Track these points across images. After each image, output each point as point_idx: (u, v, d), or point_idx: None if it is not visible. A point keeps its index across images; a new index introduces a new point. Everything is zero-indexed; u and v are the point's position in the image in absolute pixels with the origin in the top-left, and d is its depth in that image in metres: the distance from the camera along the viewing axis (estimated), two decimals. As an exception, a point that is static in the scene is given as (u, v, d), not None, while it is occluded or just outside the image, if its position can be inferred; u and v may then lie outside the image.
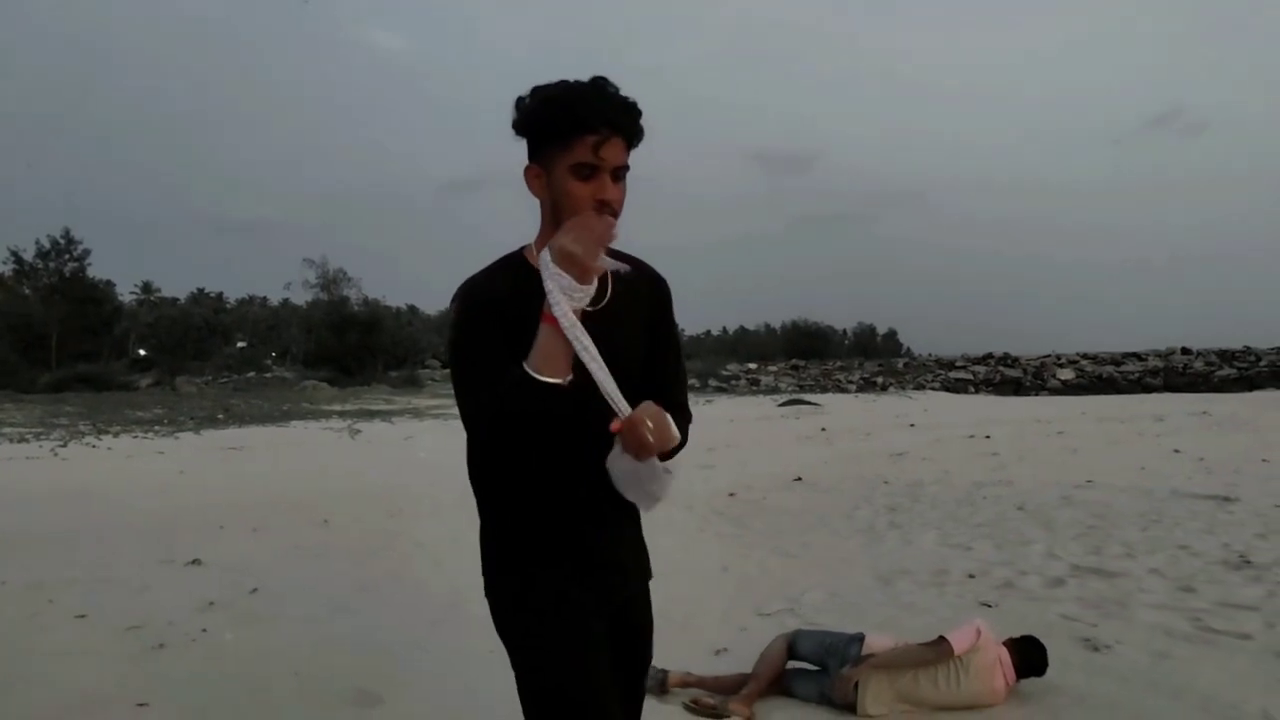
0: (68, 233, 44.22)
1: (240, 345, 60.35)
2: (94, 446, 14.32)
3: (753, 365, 51.63)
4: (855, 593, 5.15)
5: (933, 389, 38.16)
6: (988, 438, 14.54)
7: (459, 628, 4.32)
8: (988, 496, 8.39)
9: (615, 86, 1.57)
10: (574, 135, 1.53)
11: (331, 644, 4.30)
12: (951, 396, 33.58)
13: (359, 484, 10.04)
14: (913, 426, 17.80)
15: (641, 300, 1.73)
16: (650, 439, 1.52)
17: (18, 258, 43.75)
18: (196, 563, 5.99)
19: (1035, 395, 36.19)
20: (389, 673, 3.88)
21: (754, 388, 39.25)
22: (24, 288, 44.31)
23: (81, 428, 17.50)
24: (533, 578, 1.65)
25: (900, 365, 52.95)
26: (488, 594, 1.71)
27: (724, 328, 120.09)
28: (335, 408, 24.67)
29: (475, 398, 1.56)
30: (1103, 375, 41.89)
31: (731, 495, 8.91)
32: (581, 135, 1.53)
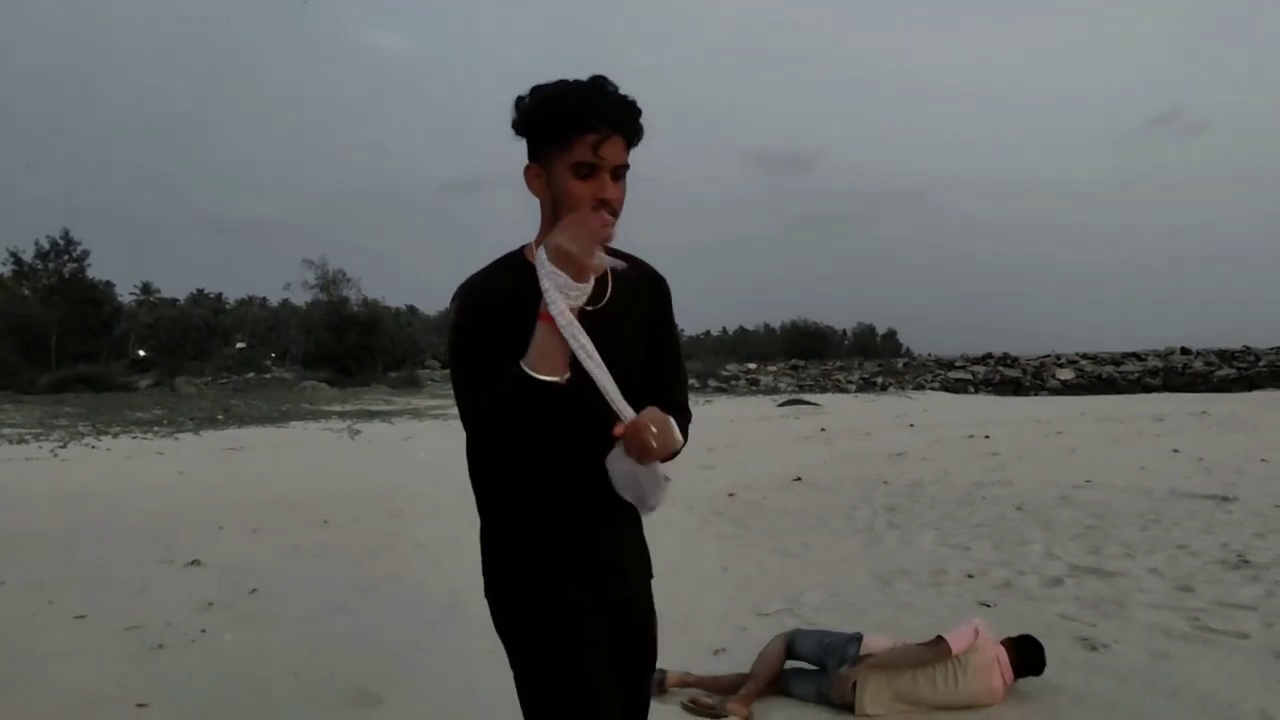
0: (67, 233, 44.32)
1: (240, 346, 60.38)
2: (93, 447, 14.32)
3: (752, 365, 51.63)
4: (854, 593, 5.15)
5: (932, 389, 38.14)
6: (987, 438, 14.55)
7: (459, 628, 4.32)
8: (987, 496, 8.40)
9: (615, 85, 1.56)
10: (573, 134, 1.53)
11: (331, 644, 4.30)
12: (951, 396, 33.58)
13: (358, 484, 10.04)
14: (912, 426, 17.80)
15: (641, 300, 1.73)
16: (654, 444, 1.52)
17: (17, 258, 43.83)
18: (196, 563, 5.99)
19: (1035, 395, 36.13)
20: (389, 673, 3.88)
21: (753, 388, 39.24)
22: (23, 288, 44.32)
23: (81, 428, 17.50)
24: (532, 577, 1.65)
25: (900, 365, 52.94)
26: (487, 594, 1.71)
27: (724, 328, 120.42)
28: (335, 408, 24.66)
29: (475, 398, 1.56)
30: (1102, 375, 41.87)
31: (731, 495, 8.92)
32: (581, 134, 1.52)
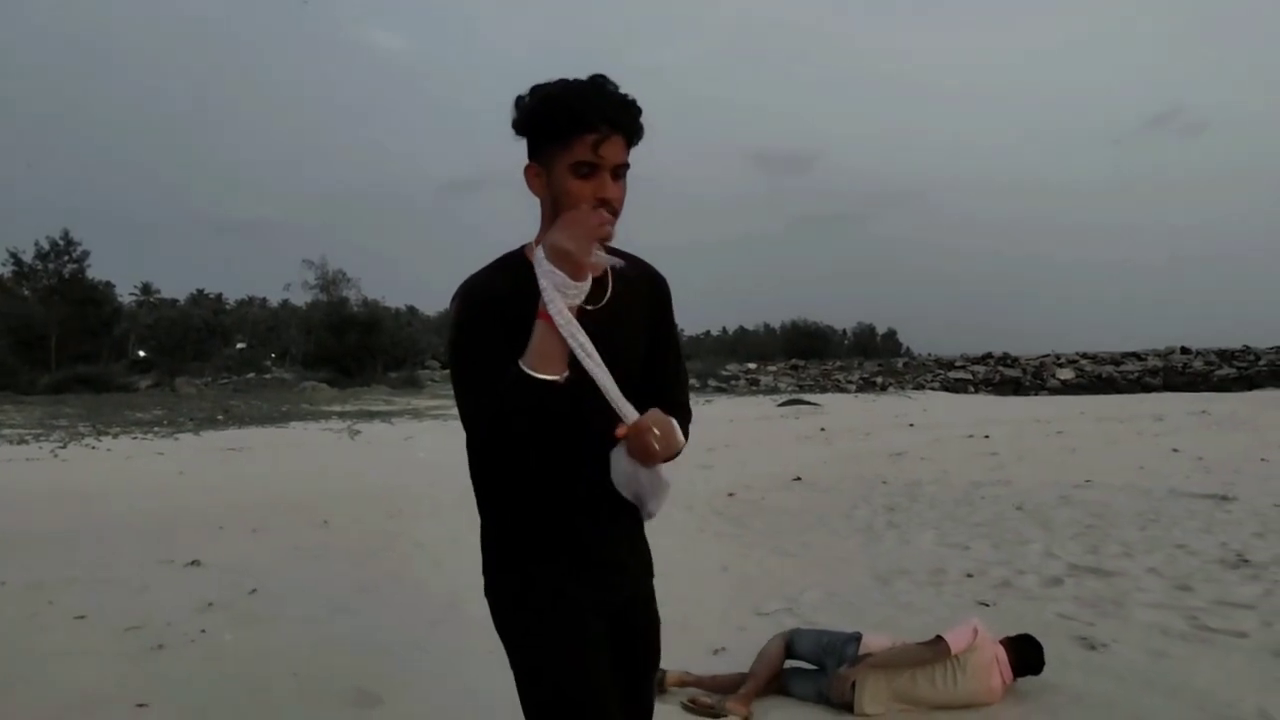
0: (67, 234, 44.37)
1: (240, 346, 60.44)
2: (94, 448, 14.32)
3: (752, 365, 51.65)
4: (853, 592, 5.16)
5: (932, 389, 38.17)
6: (987, 437, 14.55)
7: (459, 628, 4.33)
8: (986, 496, 8.40)
9: (614, 85, 1.56)
10: (573, 133, 1.53)
11: (331, 644, 4.30)
12: (951, 396, 33.61)
13: (358, 485, 10.05)
14: (912, 426, 17.81)
15: (642, 299, 1.73)
16: (656, 446, 1.52)
17: (17, 259, 43.87)
18: (196, 563, 5.99)
19: (1034, 395, 36.16)
20: (389, 673, 3.89)
21: (753, 388, 39.25)
22: (23, 289, 44.33)
23: (81, 429, 17.50)
24: (532, 576, 1.65)
25: (900, 365, 52.96)
26: (487, 593, 1.71)
27: (724, 328, 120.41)
28: (335, 409, 24.65)
29: (475, 397, 1.55)
30: (1102, 375, 41.89)
31: (731, 495, 8.92)
32: (581, 133, 1.52)
